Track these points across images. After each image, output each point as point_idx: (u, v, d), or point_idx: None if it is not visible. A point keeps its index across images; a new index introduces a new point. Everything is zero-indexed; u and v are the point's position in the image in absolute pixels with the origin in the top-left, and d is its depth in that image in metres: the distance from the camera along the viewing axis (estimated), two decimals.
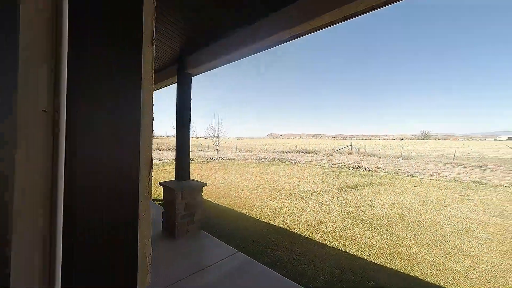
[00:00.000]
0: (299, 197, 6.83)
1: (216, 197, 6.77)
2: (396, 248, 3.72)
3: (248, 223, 4.71)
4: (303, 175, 11.13)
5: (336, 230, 4.41)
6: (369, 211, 5.58)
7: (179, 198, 3.06)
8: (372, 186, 8.65)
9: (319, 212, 5.49)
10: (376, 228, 4.56)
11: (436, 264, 3.30)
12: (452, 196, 7.25)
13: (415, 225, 4.73)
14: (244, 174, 11.24)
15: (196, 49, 3.29)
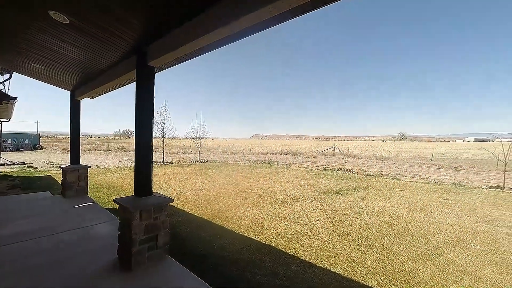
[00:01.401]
0: (283, 205, 6.39)
1: (194, 206, 6.15)
2: (390, 266, 3.37)
3: (227, 239, 4.16)
4: (287, 178, 10.76)
5: (324, 244, 4.00)
6: (357, 220, 5.26)
7: (136, 219, 2.46)
8: (357, 190, 8.44)
9: (305, 222, 5.07)
10: (366, 240, 4.21)
11: (435, 284, 2.96)
12: (436, 200, 7.19)
13: (405, 236, 4.44)
14: (227, 178, 10.65)
15: (160, 35, 2.71)
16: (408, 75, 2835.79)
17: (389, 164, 18.30)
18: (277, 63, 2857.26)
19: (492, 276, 3.19)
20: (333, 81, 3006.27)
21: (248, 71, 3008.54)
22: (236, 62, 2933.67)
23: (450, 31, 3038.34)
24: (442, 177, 11.99)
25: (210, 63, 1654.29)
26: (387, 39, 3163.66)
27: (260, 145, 54.79)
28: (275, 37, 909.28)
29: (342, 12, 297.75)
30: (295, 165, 17.00)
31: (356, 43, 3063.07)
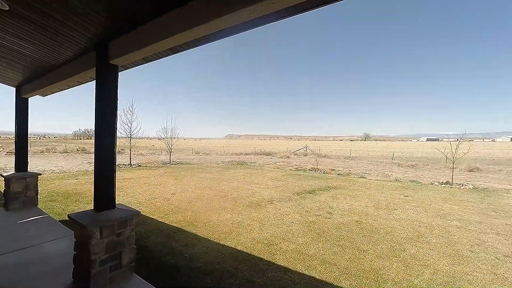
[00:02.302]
0: (258, 207, 6.35)
1: (164, 212, 5.80)
2: (361, 265, 3.51)
3: (200, 247, 3.97)
4: (262, 180, 10.79)
5: (298, 247, 4.04)
6: (329, 220, 5.43)
7: (96, 237, 2.18)
8: (328, 190, 8.78)
9: (280, 225, 5.09)
10: (338, 240, 4.36)
11: (400, 280, 3.16)
12: (398, 197, 7.79)
13: (373, 233, 4.70)
14: (200, 181, 10.31)
15: (125, 31, 2.45)
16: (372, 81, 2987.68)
17: (356, 163, 19.48)
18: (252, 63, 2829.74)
19: (447, 267, 3.51)
20: (304, 84, 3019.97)
21: (224, 70, 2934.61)
22: (212, 61, 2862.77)
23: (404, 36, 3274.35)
24: (402, 175, 13.10)
25: (185, 60, 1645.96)
26: (356, 42, 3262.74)
27: (234, 145, 54.42)
28: (257, 37, 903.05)
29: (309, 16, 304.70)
30: (269, 165, 17.17)
31: (327, 48, 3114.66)
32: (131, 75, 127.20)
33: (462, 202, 7.22)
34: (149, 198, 7.19)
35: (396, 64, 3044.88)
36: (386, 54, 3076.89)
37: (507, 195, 8.39)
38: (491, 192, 8.75)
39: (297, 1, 1.50)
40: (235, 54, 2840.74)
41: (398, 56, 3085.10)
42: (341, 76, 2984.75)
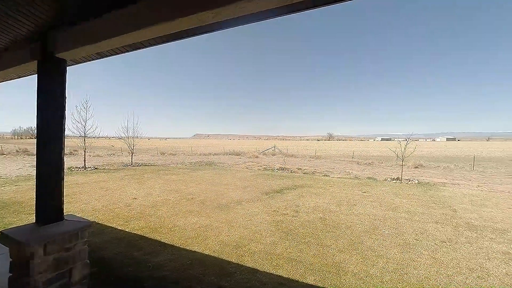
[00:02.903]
0: (227, 209, 6.29)
1: (125, 220, 5.38)
2: (324, 260, 3.72)
3: (165, 255, 3.78)
4: (231, 180, 10.72)
5: (266, 248, 4.10)
6: (295, 218, 5.64)
7: (39, 255, 1.91)
8: (295, 188, 9.11)
9: (249, 226, 5.12)
10: (304, 237, 4.55)
11: (358, 271, 3.43)
12: (357, 193, 8.45)
13: (335, 229, 5.02)
14: (165, 183, 9.80)
15: (75, 22, 2.20)
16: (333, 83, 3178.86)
17: (321, 162, 20.58)
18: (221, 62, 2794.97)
19: (397, 255, 3.92)
20: (271, 85, 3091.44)
21: (191, 68, 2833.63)
22: (180, 58, 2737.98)
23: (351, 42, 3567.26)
24: (361, 172, 14.25)
25: (148, 57, 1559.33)
26: (323, 42, 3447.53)
27: (202, 145, 53.07)
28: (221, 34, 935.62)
29: None
30: (238, 165, 17.15)
31: (298, 50, 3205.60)
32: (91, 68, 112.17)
33: (409, 196, 8.14)
34: (107, 204, 6.60)
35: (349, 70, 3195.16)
36: (342, 60, 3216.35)
37: (443, 188, 9.71)
38: (431, 186, 10.04)
39: None
40: (204, 53, 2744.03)
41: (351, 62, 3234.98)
42: (311, 81, 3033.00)
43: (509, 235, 4.78)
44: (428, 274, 3.39)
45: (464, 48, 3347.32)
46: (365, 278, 3.25)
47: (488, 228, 5.14)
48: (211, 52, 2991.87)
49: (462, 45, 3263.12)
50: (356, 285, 3.11)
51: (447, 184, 10.52)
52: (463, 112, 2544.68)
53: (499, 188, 9.85)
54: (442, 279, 3.28)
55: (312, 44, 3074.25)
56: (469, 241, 4.49)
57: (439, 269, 3.53)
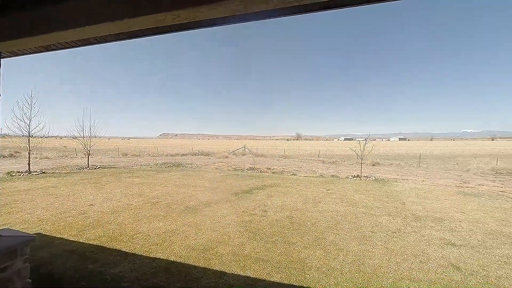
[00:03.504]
0: (194, 212, 6.13)
1: (79, 229, 4.88)
2: (290, 257, 3.86)
3: (126, 265, 3.53)
4: (199, 182, 10.46)
5: (234, 249, 4.11)
6: (264, 218, 5.74)
7: None
8: (264, 188, 9.27)
9: (217, 228, 5.06)
10: (272, 237, 4.66)
11: (321, 265, 3.64)
12: (322, 191, 8.93)
13: (301, 226, 5.24)
14: (127, 187, 9.15)
15: (15, 8, 1.93)
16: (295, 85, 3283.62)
17: (289, 162, 21.26)
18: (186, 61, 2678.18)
19: (355, 248, 4.25)
20: (245, 85, 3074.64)
21: (157, 67, 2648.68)
22: (145, 56, 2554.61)
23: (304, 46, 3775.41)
24: (325, 171, 15.10)
25: (111, 51, 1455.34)
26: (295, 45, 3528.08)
27: (169, 145, 50.68)
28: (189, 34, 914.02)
29: None
30: (207, 166, 16.81)
31: (271, 52, 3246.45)
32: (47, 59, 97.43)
33: (367, 192, 8.89)
34: (57, 213, 5.91)
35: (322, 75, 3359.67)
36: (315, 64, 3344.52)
37: (395, 183, 10.81)
38: (386, 182, 11.10)
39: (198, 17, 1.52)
40: (171, 51, 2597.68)
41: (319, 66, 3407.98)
42: (279, 82, 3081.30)
43: (445, 223, 5.53)
44: (380, 262, 3.75)
45: (413, 56, 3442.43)
46: (327, 272, 3.47)
47: (430, 218, 5.88)
48: (180, 50, 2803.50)
49: (411, 52, 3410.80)
50: (318, 279, 3.29)
51: (398, 180, 11.74)
52: (412, 115, 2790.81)
53: (439, 182, 11.32)
54: (392, 266, 3.65)
55: (285, 45, 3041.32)
56: (415, 230, 5.08)
57: (390, 257, 3.93)
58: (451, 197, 8.11)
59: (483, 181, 11.61)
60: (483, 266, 3.68)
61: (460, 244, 4.44)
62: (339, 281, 3.25)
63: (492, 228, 5.26)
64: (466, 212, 6.37)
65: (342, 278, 3.33)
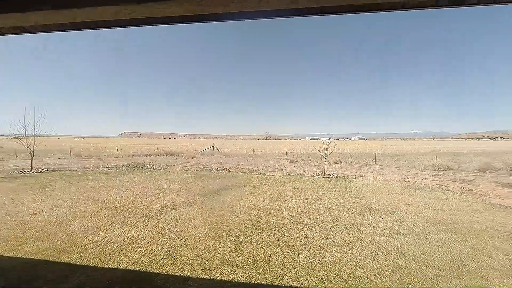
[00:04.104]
0: (158, 216, 5.83)
1: (18, 242, 4.27)
2: (256, 256, 3.92)
3: (75, 279, 3.20)
4: (164, 184, 9.97)
5: (200, 252, 4.02)
6: (231, 219, 5.73)
7: None
8: (232, 188, 9.24)
9: (182, 232, 4.89)
10: (239, 237, 4.67)
11: (285, 262, 3.77)
12: (288, 189, 9.24)
13: (267, 225, 5.36)
14: (80, 192, 8.28)
15: None
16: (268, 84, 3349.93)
17: (258, 161, 21.51)
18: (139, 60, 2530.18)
19: (318, 242, 4.50)
20: (213, 85, 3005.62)
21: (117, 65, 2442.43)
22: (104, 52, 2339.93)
23: None
24: (292, 169, 15.64)
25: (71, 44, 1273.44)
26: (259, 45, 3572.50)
27: (132, 145, 47.24)
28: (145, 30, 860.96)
29: None
30: (174, 167, 16.11)
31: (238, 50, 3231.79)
32: None
33: (329, 189, 9.46)
34: None
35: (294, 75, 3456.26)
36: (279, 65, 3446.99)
37: (354, 180, 11.71)
38: (346, 179, 11.96)
39: None
40: (135, 47, 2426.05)
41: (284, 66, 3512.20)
42: (251, 79, 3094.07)
43: (394, 215, 6.18)
44: (339, 255, 4.03)
45: (369, 64, 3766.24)
46: (291, 267, 3.61)
47: (382, 211, 6.51)
48: (145, 46, 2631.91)
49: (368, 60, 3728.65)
50: (283, 275, 3.41)
51: (357, 177, 12.73)
52: (369, 117, 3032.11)
53: (391, 177, 12.59)
54: (349, 257, 3.96)
55: (256, 47, 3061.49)
56: (369, 223, 5.57)
57: (347, 249, 4.24)
58: (400, 191, 9.08)
59: (426, 176, 13.25)
60: (423, 250, 4.20)
61: (405, 233, 5.01)
62: (301, 275, 3.41)
63: (430, 217, 6.04)
64: (411, 204, 7.20)
65: (305, 272, 3.49)
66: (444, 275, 3.46)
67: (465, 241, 4.58)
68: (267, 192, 8.60)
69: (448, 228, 5.24)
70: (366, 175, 13.50)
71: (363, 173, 14.40)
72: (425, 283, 3.26)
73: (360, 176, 13.08)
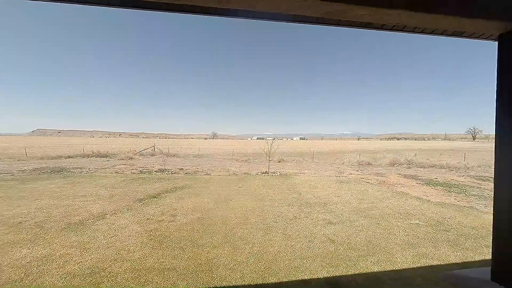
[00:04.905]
0: (81, 228, 4.99)
1: None
2: (198, 260, 3.78)
3: None
4: (91, 190, 8.61)
5: (134, 264, 3.62)
6: (172, 223, 5.37)
7: None
8: (175, 191, 8.70)
9: (113, 243, 4.31)
10: (180, 242, 4.42)
11: (229, 262, 3.76)
12: (234, 189, 9.29)
13: (211, 227, 5.25)
14: None
15: None
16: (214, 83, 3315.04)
17: (204, 161, 20.89)
18: None
19: (260, 238, 4.66)
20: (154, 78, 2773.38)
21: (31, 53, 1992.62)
22: None
23: None
24: (238, 169, 15.80)
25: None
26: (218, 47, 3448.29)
27: (48, 145, 39.04)
28: None
29: None
30: (105, 170, 14.09)
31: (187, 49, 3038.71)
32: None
33: (273, 186, 9.95)
34: None
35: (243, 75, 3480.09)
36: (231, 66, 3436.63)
37: (295, 177, 12.66)
38: (288, 176, 12.81)
39: None
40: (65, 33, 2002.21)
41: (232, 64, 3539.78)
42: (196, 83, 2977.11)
43: (327, 207, 6.94)
44: (280, 248, 4.27)
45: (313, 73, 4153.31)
46: (234, 267, 3.62)
47: (317, 204, 7.23)
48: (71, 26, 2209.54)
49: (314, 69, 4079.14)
50: (225, 275, 3.39)
51: (297, 174, 13.80)
52: (309, 118, 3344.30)
53: (325, 173, 14.13)
54: (289, 249, 4.24)
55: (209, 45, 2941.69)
56: (306, 216, 6.11)
57: (287, 242, 4.54)
58: (332, 185, 10.29)
59: (352, 171, 15.40)
60: (348, 236, 4.86)
61: (335, 221, 5.69)
62: (244, 273, 3.46)
63: (354, 206, 7.04)
64: (340, 196, 8.25)
65: (247, 269, 3.56)
66: (363, 254, 4.07)
67: (378, 224, 5.51)
68: (212, 193, 8.43)
69: (367, 215, 6.22)
70: (305, 172, 14.78)
71: (303, 170, 15.70)
72: (348, 263, 3.77)
73: (300, 173, 14.22)
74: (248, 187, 9.69)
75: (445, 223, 5.65)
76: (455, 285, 2.40)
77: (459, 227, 5.39)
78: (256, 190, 9.05)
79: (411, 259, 3.94)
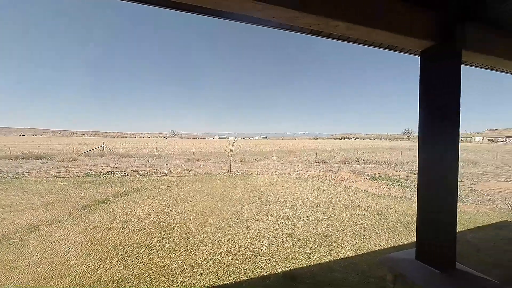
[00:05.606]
0: (6, 244, 4.20)
1: None
2: (153, 267, 3.55)
3: None
4: (19, 198, 7.32)
5: (76, 279, 3.21)
6: (123, 230, 4.93)
7: None
8: (128, 194, 8.00)
9: (48, 258, 3.74)
10: (132, 250, 4.08)
11: (187, 266, 3.62)
12: (194, 189, 8.98)
13: (169, 230, 4.98)
14: None
15: None
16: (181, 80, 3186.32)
17: (162, 161, 19.67)
18: None
19: (221, 239, 4.60)
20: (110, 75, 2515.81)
21: None
22: None
23: None
24: (199, 169, 15.34)
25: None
26: None
27: None
28: None
29: None
30: (39, 174, 12.14)
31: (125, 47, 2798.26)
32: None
33: (234, 185, 9.94)
34: None
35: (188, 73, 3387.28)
36: None
37: (256, 175, 12.88)
38: (249, 175, 12.96)
39: None
40: None
41: None
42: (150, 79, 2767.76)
43: (286, 203, 7.25)
44: (240, 247, 4.29)
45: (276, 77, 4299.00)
46: (192, 271, 3.51)
47: (277, 201, 7.49)
48: None
49: None
50: (183, 280, 3.26)
51: (259, 173, 14.06)
52: (270, 118, 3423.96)
53: (285, 171, 14.72)
54: (249, 247, 4.29)
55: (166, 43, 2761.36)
56: (267, 213, 6.27)
57: (248, 240, 4.59)
58: (291, 182, 10.78)
59: (309, 169, 16.39)
60: (305, 230, 5.16)
61: (293, 217, 5.98)
62: (203, 276, 3.38)
63: (311, 201, 7.51)
64: (298, 193, 8.70)
65: (207, 272, 3.49)
66: (317, 246, 4.38)
67: (331, 217, 5.99)
68: (170, 195, 8.01)
69: (322, 209, 6.70)
70: (266, 170, 15.15)
71: (264, 168, 16.07)
72: (304, 256, 4.00)
73: (261, 171, 14.52)
74: (209, 187, 9.49)
75: (385, 212, 6.44)
76: (390, 267, 2.76)
77: (396, 215, 6.22)
78: (217, 190, 8.91)
79: (357, 246, 4.38)
